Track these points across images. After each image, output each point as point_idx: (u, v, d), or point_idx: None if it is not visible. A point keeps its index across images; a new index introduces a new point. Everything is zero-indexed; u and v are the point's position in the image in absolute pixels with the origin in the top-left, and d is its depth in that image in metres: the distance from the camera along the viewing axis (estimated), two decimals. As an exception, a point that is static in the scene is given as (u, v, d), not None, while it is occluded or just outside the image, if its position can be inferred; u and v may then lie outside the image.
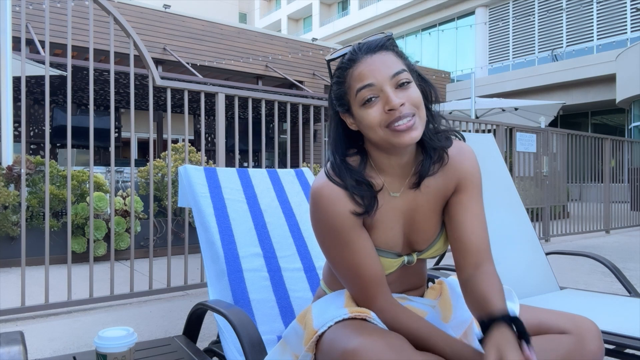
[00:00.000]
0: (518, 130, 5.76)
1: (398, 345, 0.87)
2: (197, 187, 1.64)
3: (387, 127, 0.98)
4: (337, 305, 1.02)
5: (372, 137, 1.01)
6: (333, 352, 0.89)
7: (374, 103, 0.98)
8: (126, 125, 11.46)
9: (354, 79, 1.00)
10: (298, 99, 3.76)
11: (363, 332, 0.89)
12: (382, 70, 0.98)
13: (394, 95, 0.97)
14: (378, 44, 1.01)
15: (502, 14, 19.08)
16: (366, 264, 1.01)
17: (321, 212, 1.02)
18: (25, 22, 3.25)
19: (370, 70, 0.98)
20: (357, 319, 0.96)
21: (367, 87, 0.98)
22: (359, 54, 1.01)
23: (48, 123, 2.74)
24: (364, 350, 0.84)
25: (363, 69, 0.99)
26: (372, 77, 0.98)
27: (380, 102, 0.98)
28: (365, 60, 0.99)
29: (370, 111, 0.98)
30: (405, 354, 0.86)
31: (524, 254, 2.18)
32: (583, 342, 0.98)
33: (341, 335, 0.91)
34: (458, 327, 1.04)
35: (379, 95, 0.98)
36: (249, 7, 35.46)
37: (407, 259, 1.08)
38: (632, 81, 12.19)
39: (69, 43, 2.86)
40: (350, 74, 1.01)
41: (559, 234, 6.45)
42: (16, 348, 0.88)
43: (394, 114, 0.97)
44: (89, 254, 2.96)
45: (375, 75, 0.98)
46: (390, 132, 0.98)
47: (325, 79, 12.76)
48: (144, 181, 5.20)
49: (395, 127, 0.97)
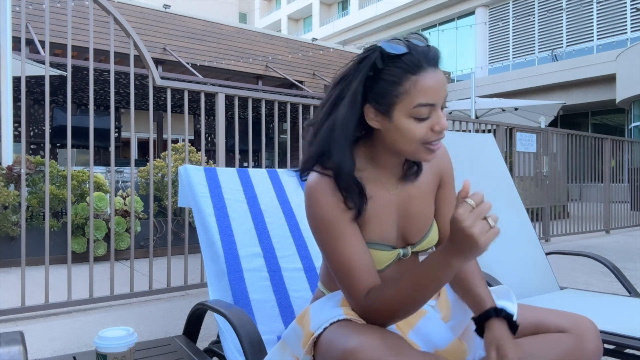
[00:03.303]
0: (518, 130, 5.76)
1: (396, 344, 0.87)
2: (197, 187, 1.64)
3: (424, 143, 0.97)
4: (332, 306, 1.02)
5: (401, 147, 0.99)
6: (331, 352, 0.89)
7: (425, 120, 0.96)
8: (126, 125, 11.46)
9: (418, 90, 0.94)
10: (298, 99, 3.76)
11: (361, 331, 0.89)
12: (443, 91, 0.96)
13: (444, 118, 0.96)
14: (438, 57, 0.97)
15: (502, 14, 19.08)
16: (359, 258, 0.99)
17: (314, 205, 1.01)
18: (25, 22, 3.25)
19: (436, 89, 0.95)
20: (352, 320, 0.96)
21: (429, 105, 0.95)
22: (424, 63, 0.94)
23: (48, 123, 2.74)
24: (362, 350, 0.84)
25: (430, 84, 0.94)
26: (436, 97, 0.95)
27: (429, 120, 0.96)
28: (430, 74, 0.95)
29: (418, 126, 0.96)
30: (404, 353, 0.86)
31: (524, 254, 2.18)
32: (582, 341, 0.98)
33: (339, 335, 0.90)
34: (457, 327, 1.04)
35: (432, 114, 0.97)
36: (249, 7, 35.46)
37: (402, 252, 1.08)
38: (632, 81, 12.19)
39: (69, 43, 2.86)
40: (413, 81, 0.94)
41: (559, 234, 6.45)
42: (16, 348, 0.88)
43: (439, 134, 0.97)
44: (89, 254, 2.96)
45: (439, 95, 0.95)
46: (423, 148, 0.98)
47: (325, 79, 12.76)
48: (144, 181, 5.20)
49: (431, 146, 0.98)
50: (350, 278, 0.97)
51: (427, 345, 0.99)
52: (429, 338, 0.98)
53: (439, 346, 0.99)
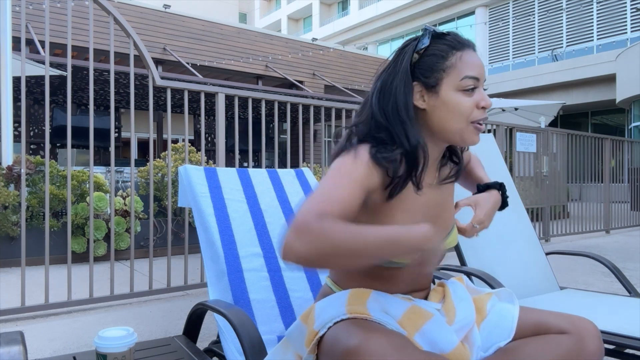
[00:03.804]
0: (518, 130, 5.76)
1: (401, 343, 0.86)
2: (197, 187, 1.64)
3: (471, 122, 1.01)
4: (337, 305, 1.02)
5: (449, 125, 1.02)
6: (335, 351, 0.88)
7: (471, 94, 1.01)
8: (126, 125, 11.46)
9: (464, 63, 1.01)
10: (298, 99, 3.76)
11: (365, 330, 0.88)
12: (484, 71, 1.04)
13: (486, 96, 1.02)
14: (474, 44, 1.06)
15: (502, 14, 19.08)
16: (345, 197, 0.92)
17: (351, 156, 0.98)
18: (25, 22, 3.25)
19: (479, 65, 1.02)
20: (357, 319, 0.95)
21: (474, 78, 1.01)
22: (466, 45, 1.03)
23: (48, 123, 2.74)
24: (366, 348, 0.83)
25: (474, 59, 1.02)
26: (480, 72, 1.02)
27: (474, 97, 1.02)
28: (472, 53, 1.03)
29: (466, 99, 1.01)
30: (408, 352, 0.85)
31: (524, 254, 2.18)
32: (582, 342, 0.98)
33: (343, 333, 0.90)
34: (461, 330, 1.04)
35: (476, 88, 1.02)
36: (249, 7, 35.46)
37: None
38: (632, 81, 12.19)
39: (69, 43, 2.86)
40: (459, 56, 1.01)
41: (559, 234, 6.45)
42: (16, 348, 0.88)
43: (484, 113, 1.02)
44: (89, 254, 2.96)
45: (481, 71, 1.02)
46: (471, 127, 1.02)
47: (325, 79, 12.76)
48: (144, 181, 5.20)
49: (478, 124, 1.02)
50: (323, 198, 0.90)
51: (433, 348, 0.98)
52: (435, 342, 0.98)
53: (444, 350, 0.98)
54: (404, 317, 1.01)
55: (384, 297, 1.05)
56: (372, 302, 1.02)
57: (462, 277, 1.24)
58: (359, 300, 1.02)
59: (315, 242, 0.81)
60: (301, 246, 0.81)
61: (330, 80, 12.76)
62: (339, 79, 13.13)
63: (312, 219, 0.84)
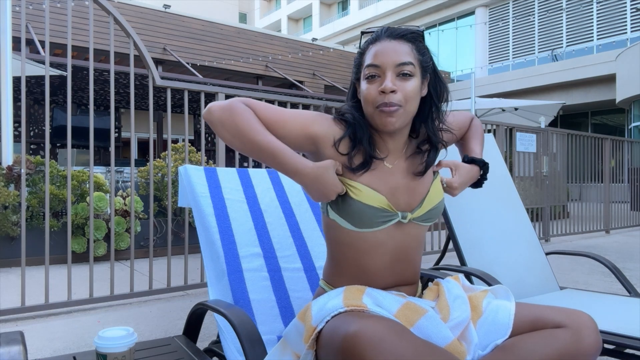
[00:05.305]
0: (518, 130, 5.76)
1: (399, 328, 0.88)
2: (197, 187, 1.64)
3: (377, 107, 1.09)
4: (334, 301, 1.03)
5: (366, 111, 1.13)
6: (334, 341, 0.89)
7: (374, 81, 1.10)
8: (126, 125, 11.46)
9: (369, 54, 1.12)
10: (298, 99, 3.77)
11: (362, 317, 0.90)
12: (391, 56, 1.09)
13: (389, 80, 1.07)
14: (400, 33, 1.13)
15: (502, 14, 19.07)
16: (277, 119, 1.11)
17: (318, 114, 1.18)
18: (25, 22, 3.25)
19: (382, 53, 1.10)
20: (354, 310, 0.97)
21: (373, 66, 1.10)
22: (382, 35, 1.13)
23: (48, 123, 2.74)
24: (365, 332, 0.84)
25: (378, 49, 1.11)
26: (381, 59, 1.09)
27: (378, 83, 1.09)
28: (383, 42, 1.11)
29: (369, 86, 1.10)
30: (406, 337, 0.86)
31: (524, 254, 2.18)
32: (580, 336, 0.98)
33: (340, 323, 0.91)
34: (456, 328, 1.05)
35: (381, 76, 1.09)
36: (249, 7, 35.45)
37: (402, 214, 1.13)
38: (632, 81, 12.19)
39: (69, 43, 2.87)
40: (369, 49, 1.13)
41: (559, 234, 6.45)
42: (16, 348, 0.88)
43: (383, 97, 1.07)
44: (89, 254, 2.96)
45: (384, 59, 1.09)
46: (377, 113, 1.09)
47: (325, 79, 12.76)
48: (144, 181, 5.20)
49: (381, 109, 1.08)
50: (264, 105, 1.12)
51: None
52: (429, 337, 0.99)
53: (438, 345, 0.99)
54: (398, 313, 1.03)
55: (379, 293, 1.08)
56: (368, 297, 1.05)
57: (458, 276, 1.24)
58: (354, 295, 1.05)
59: (227, 114, 1.07)
60: (216, 111, 1.08)
61: (330, 80, 12.76)
62: (339, 79, 13.13)
63: (240, 101, 1.09)
